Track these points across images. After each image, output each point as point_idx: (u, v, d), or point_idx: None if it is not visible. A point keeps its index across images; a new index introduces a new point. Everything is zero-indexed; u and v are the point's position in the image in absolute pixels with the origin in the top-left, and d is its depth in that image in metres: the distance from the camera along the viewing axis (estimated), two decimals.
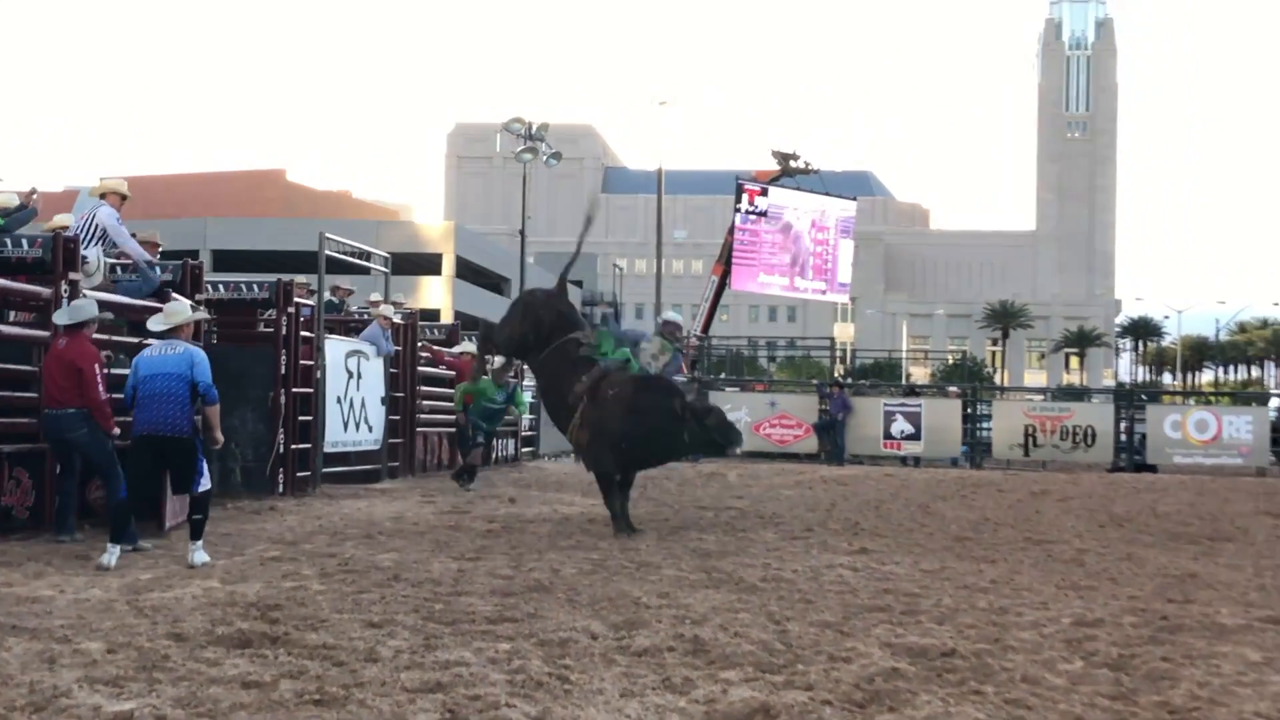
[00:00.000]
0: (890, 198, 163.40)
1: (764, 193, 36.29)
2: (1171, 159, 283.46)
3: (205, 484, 10.35)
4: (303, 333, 16.53)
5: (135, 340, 12.94)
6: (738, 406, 29.57)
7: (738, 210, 35.86)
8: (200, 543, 10.14)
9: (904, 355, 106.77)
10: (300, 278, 18.16)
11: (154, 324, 10.86)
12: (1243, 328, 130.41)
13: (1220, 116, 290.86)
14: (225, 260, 57.68)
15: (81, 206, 14.17)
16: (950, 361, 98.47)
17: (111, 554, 9.79)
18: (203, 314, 12.33)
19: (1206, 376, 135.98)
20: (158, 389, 10.14)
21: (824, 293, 39.22)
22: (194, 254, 27.34)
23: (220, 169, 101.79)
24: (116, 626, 7.32)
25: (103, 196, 13.30)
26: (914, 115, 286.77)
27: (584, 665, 6.59)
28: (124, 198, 13.34)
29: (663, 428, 12.86)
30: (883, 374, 76.90)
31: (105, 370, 11.30)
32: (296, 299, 16.40)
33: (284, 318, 16.02)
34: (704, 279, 43.89)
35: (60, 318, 11.11)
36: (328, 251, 17.93)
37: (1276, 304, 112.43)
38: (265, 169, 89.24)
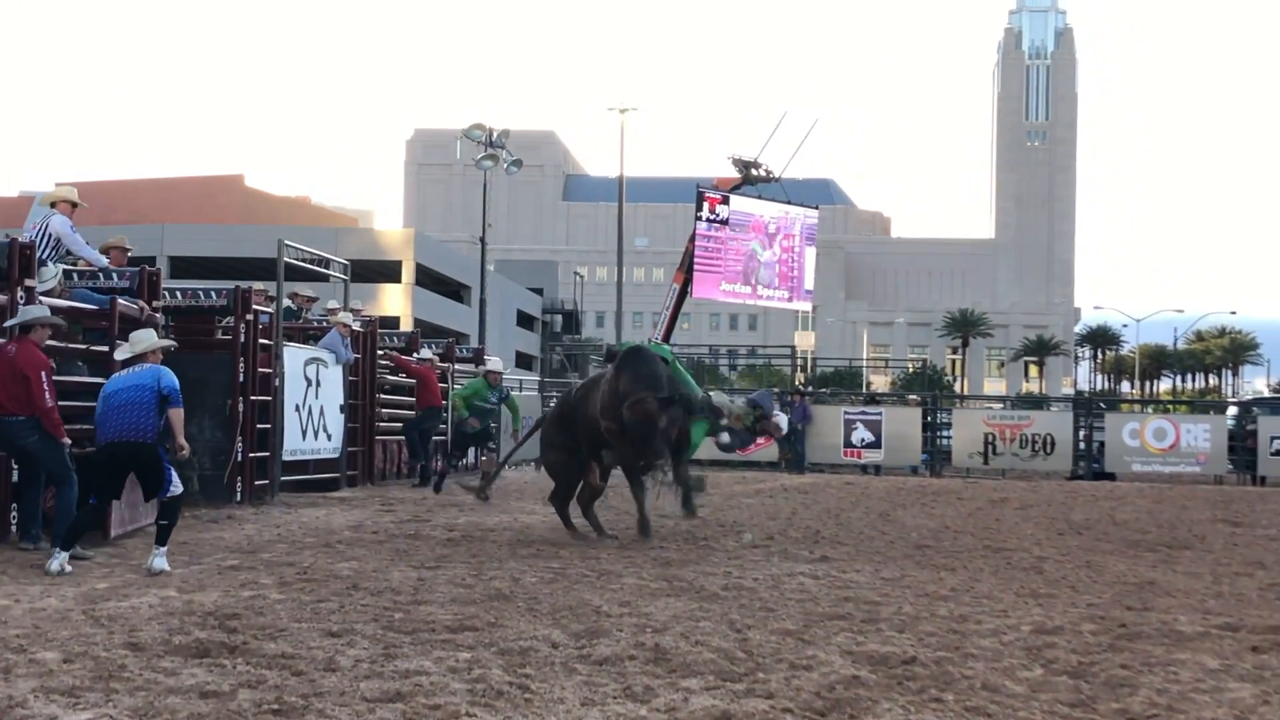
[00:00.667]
0: (851, 206, 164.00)
1: (725, 200, 36.21)
2: (1130, 168, 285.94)
3: (175, 489, 10.30)
4: (261, 340, 16.44)
5: (83, 346, 12.90)
6: None
7: (699, 218, 35.81)
8: (164, 549, 10.09)
9: (864, 363, 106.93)
10: (258, 284, 18.04)
11: (121, 353, 10.94)
12: (1200, 336, 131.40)
13: (1178, 126, 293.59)
14: (183, 267, 57.44)
15: (34, 216, 14.06)
16: (910, 370, 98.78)
17: (57, 559, 9.75)
18: (169, 342, 12.26)
19: (1165, 385, 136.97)
20: (123, 400, 10.19)
21: (789, 300, 39.23)
22: (151, 260, 27.19)
23: (178, 174, 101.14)
24: (73, 636, 7.24)
25: (53, 205, 13.24)
26: (875, 123, 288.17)
27: (545, 674, 6.57)
28: (75, 205, 13.28)
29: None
30: (843, 382, 76.96)
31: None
32: (255, 306, 16.31)
33: (242, 325, 15.93)
34: (665, 287, 43.86)
35: (9, 322, 11.07)
36: (286, 258, 17.82)
37: (1234, 312, 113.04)
38: (223, 174, 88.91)
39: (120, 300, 12.93)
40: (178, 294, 16.11)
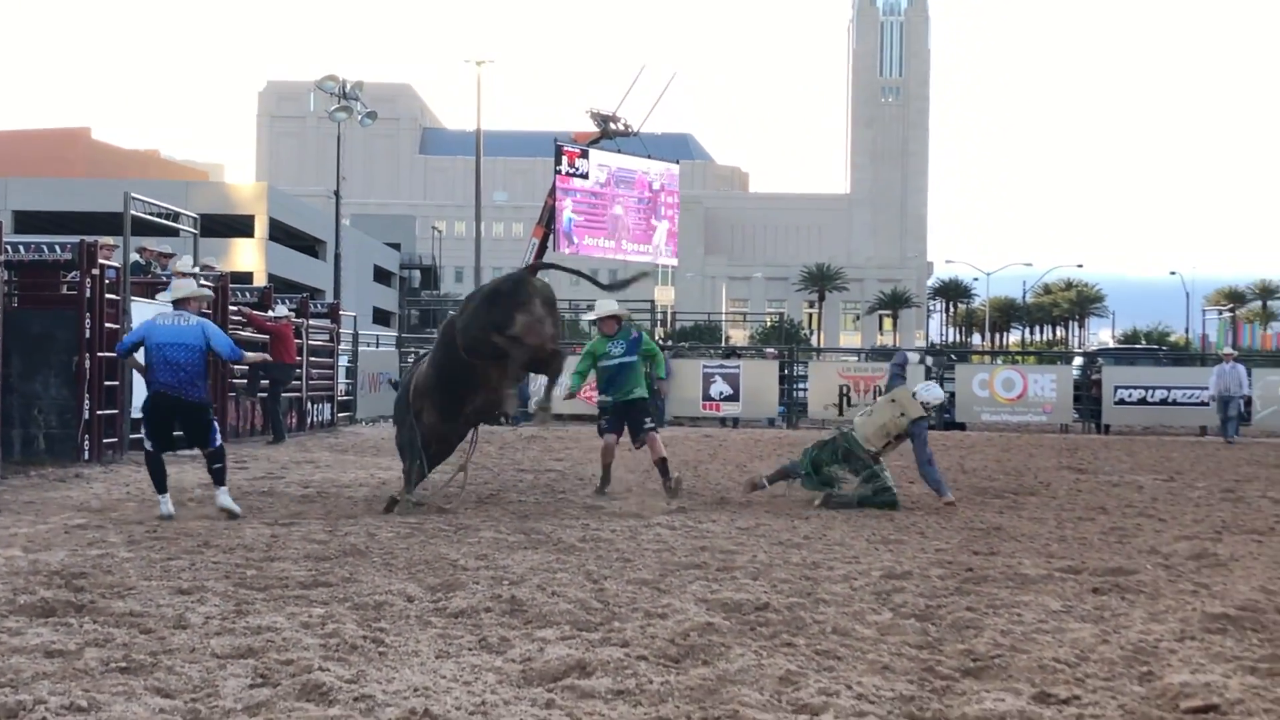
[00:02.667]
0: (710, 161, 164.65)
1: (584, 155, 36.30)
2: (982, 125, 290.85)
3: (219, 440, 11.36)
4: (108, 295, 16.07)
5: None
6: None
7: (558, 172, 35.82)
8: (225, 488, 11.21)
9: (723, 318, 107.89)
10: (107, 239, 17.60)
11: (164, 296, 11.93)
12: (1048, 289, 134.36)
13: (1029, 84, 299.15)
14: (28, 222, 55.86)
15: None
16: (768, 324, 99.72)
17: None
18: (207, 292, 13.13)
19: (1014, 337, 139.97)
20: (178, 358, 10.96)
21: (659, 254, 39.31)
22: None
23: (21, 127, 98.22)
24: None
25: None
26: (733, 79, 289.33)
27: (399, 628, 6.54)
28: None
29: None
30: (702, 336, 77.61)
31: None
32: (101, 260, 15.93)
33: (87, 280, 15.56)
34: (525, 242, 43.74)
35: None
36: (134, 212, 17.42)
37: (1081, 266, 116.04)
38: (69, 127, 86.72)
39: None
40: (20, 248, 15.71)
